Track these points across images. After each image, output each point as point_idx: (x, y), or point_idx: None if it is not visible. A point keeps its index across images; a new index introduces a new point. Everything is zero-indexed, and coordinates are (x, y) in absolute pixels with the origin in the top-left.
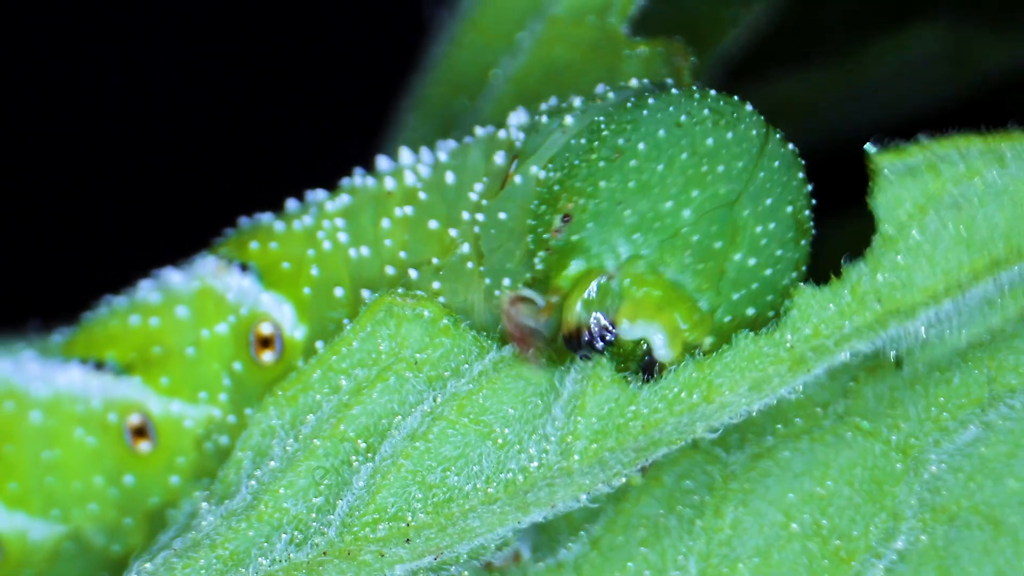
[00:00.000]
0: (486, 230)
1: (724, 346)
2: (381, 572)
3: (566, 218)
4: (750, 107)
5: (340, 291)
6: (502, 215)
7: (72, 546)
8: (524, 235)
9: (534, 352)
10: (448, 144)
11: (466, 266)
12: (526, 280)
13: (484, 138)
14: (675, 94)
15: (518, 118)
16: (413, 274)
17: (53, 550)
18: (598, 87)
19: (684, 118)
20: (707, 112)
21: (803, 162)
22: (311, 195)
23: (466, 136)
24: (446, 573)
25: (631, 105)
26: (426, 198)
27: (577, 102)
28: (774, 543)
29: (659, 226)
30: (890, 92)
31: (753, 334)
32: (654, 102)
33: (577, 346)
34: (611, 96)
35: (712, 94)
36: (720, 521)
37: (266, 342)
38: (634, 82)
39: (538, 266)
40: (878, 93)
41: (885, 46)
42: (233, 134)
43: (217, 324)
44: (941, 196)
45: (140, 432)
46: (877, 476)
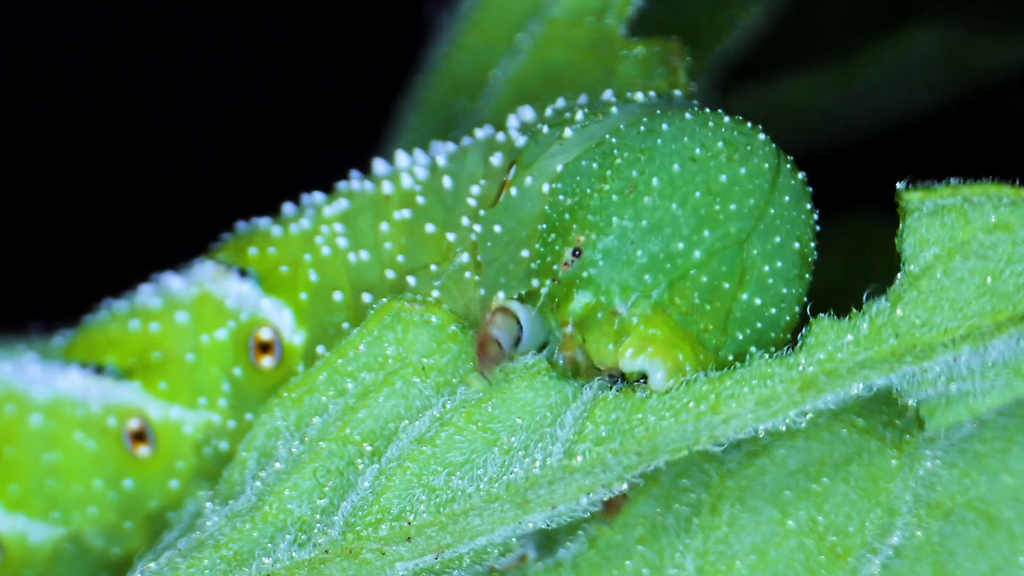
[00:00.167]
0: (482, 242)
1: (736, 364)
2: (382, 571)
3: (577, 252)
4: (763, 136)
5: (340, 295)
6: (497, 228)
7: (72, 548)
8: (519, 250)
9: (487, 363)
10: (446, 147)
11: (464, 275)
12: (520, 297)
13: (482, 141)
14: (689, 120)
15: (518, 119)
16: (412, 280)
17: (53, 552)
18: (605, 94)
19: (699, 151)
20: (721, 145)
21: (811, 190)
22: (307, 198)
23: (465, 137)
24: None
25: (644, 130)
26: (424, 202)
27: (579, 114)
28: (771, 540)
29: (670, 267)
30: (887, 94)
31: (767, 355)
32: (668, 129)
33: (578, 372)
34: (614, 111)
35: (726, 121)
36: (717, 519)
37: (265, 347)
38: (639, 96)
39: (541, 291)
40: (875, 95)
41: (882, 48)
42: (234, 136)
43: (217, 330)
44: (969, 244)
45: (139, 437)
46: (872, 472)
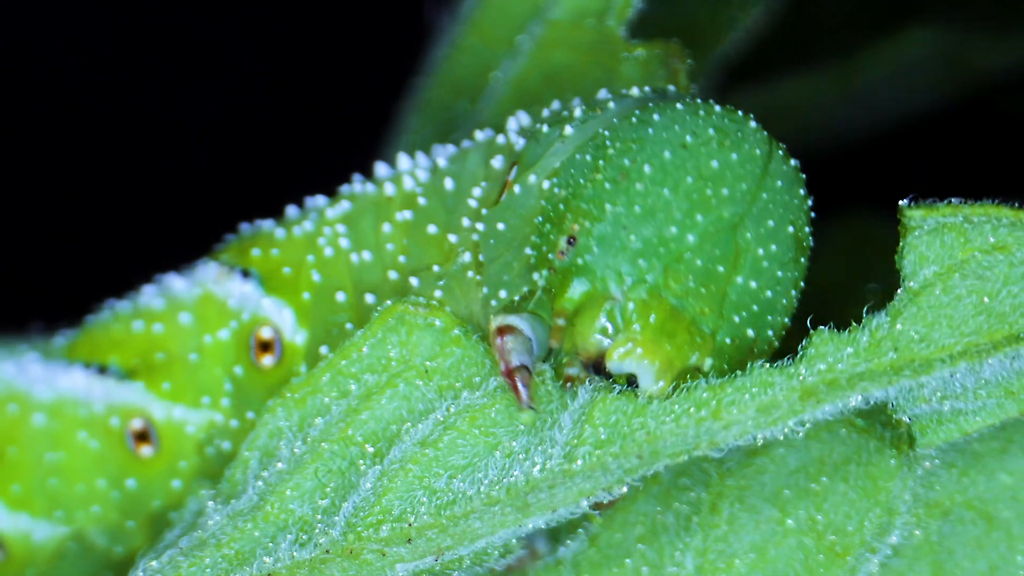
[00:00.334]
0: (484, 240)
1: (737, 372)
2: (383, 571)
3: (571, 240)
4: (754, 123)
5: (342, 296)
6: (500, 226)
7: (75, 547)
8: (522, 247)
9: (526, 391)
10: (447, 149)
11: (467, 275)
12: (523, 295)
13: (483, 143)
14: (680, 110)
15: (517, 122)
16: (414, 281)
17: (56, 551)
18: (600, 93)
19: (689, 139)
20: (712, 132)
21: (804, 176)
22: (311, 201)
23: (466, 139)
24: None
25: (636, 121)
26: (425, 203)
27: (577, 112)
28: (770, 538)
29: (663, 251)
30: (886, 94)
31: (768, 364)
32: (659, 119)
33: (594, 368)
34: (612, 106)
35: (717, 110)
36: (716, 517)
37: (266, 346)
38: (635, 91)
39: (539, 283)
40: (875, 95)
41: (881, 48)
42: (234, 136)
43: (219, 330)
44: (968, 263)
45: (142, 437)
46: (871, 472)
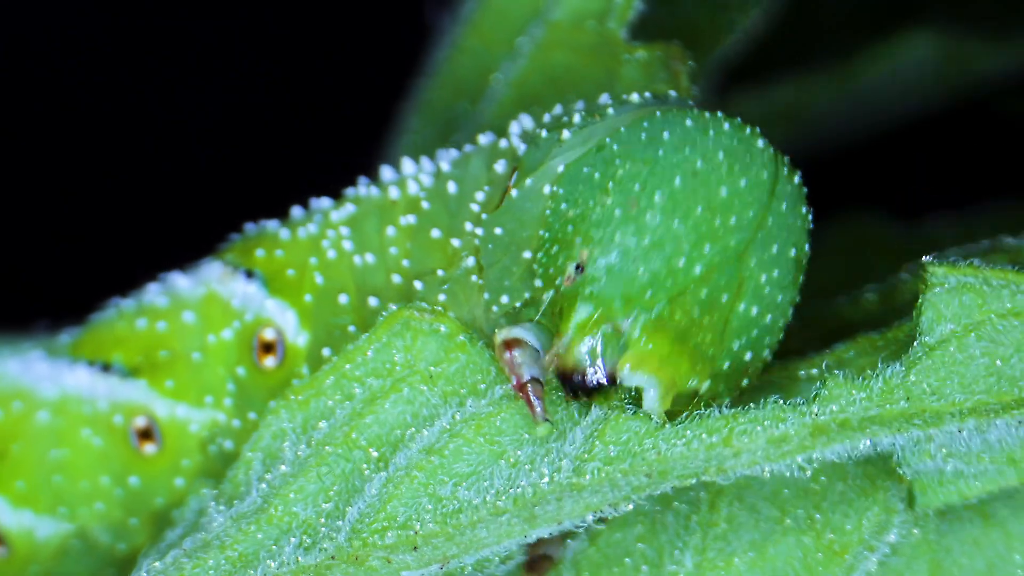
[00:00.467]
0: (484, 245)
1: (751, 404)
2: None
3: (579, 267)
4: (761, 142)
5: (345, 298)
6: (498, 231)
7: (78, 544)
8: (521, 251)
9: (540, 404)
10: (450, 153)
11: (470, 280)
12: (525, 301)
13: (485, 147)
14: (689, 128)
15: (519, 125)
16: (418, 285)
17: (60, 547)
18: (601, 97)
19: (700, 164)
20: (721, 156)
21: (806, 191)
22: (315, 203)
23: (468, 143)
24: None
25: (645, 138)
26: (429, 207)
27: (577, 117)
28: (769, 537)
29: (671, 284)
30: (884, 96)
31: (782, 402)
32: (669, 138)
33: (570, 384)
34: (611, 112)
35: (726, 128)
36: (715, 516)
37: (268, 347)
38: (635, 97)
39: (544, 299)
40: (873, 96)
41: (879, 51)
42: (234, 136)
43: (223, 329)
44: (984, 325)
45: (145, 435)
46: (870, 471)
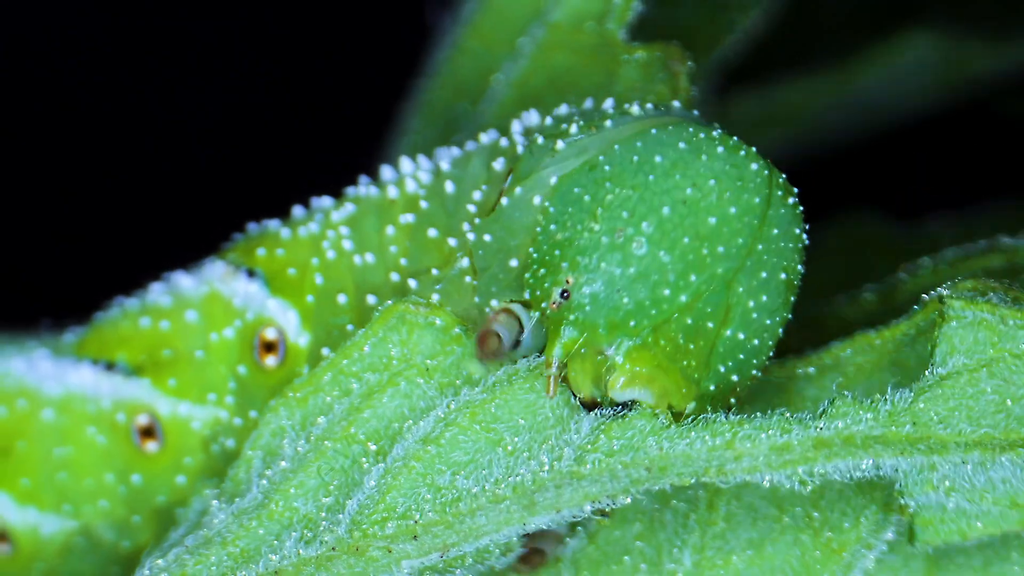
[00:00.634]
0: (475, 250)
1: (756, 412)
2: (388, 568)
3: (564, 294)
4: (755, 165)
5: (344, 298)
6: (487, 238)
7: (83, 541)
8: (507, 259)
9: (486, 355)
10: (451, 151)
11: (464, 280)
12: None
13: (486, 146)
14: (683, 153)
15: (521, 125)
16: (413, 284)
17: (64, 544)
18: (605, 103)
19: (690, 192)
20: (712, 184)
21: (801, 211)
22: (316, 202)
23: (469, 141)
24: (451, 574)
25: (637, 160)
26: (427, 206)
27: (573, 127)
28: (767, 535)
29: (655, 312)
30: (883, 96)
31: (788, 414)
32: (661, 163)
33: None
34: (609, 124)
35: (719, 151)
36: (714, 514)
37: (270, 347)
38: (635, 108)
39: (532, 319)
40: (872, 97)
41: (879, 51)
42: (234, 137)
43: (225, 328)
44: (997, 362)
45: (148, 432)
46: None
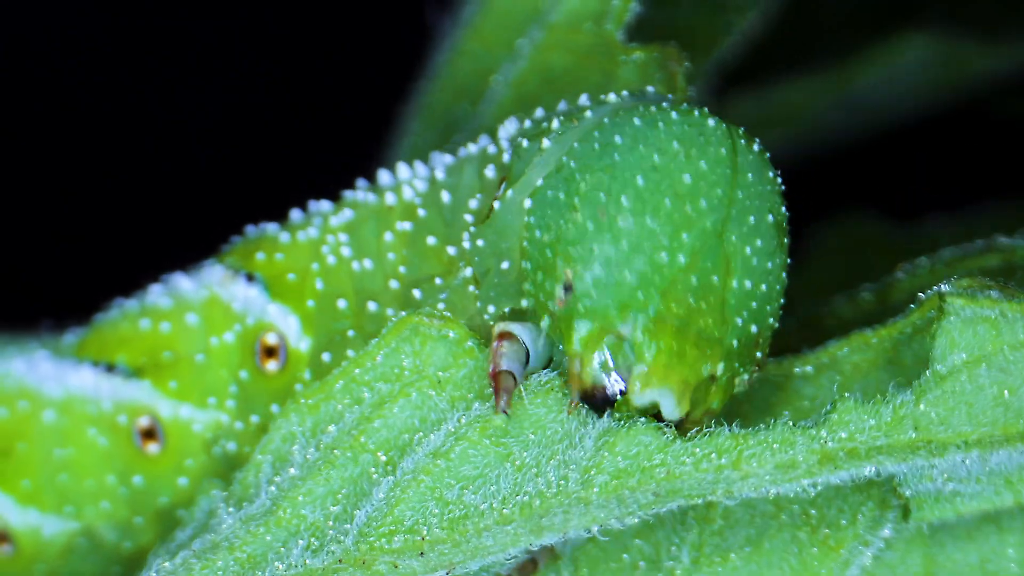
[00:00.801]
0: (471, 257)
1: (760, 424)
2: None
3: (567, 288)
4: (711, 121)
5: (344, 303)
6: (480, 243)
7: (84, 542)
8: (500, 262)
9: (505, 397)
10: (445, 158)
11: (468, 289)
12: (518, 314)
13: (476, 155)
14: (638, 126)
15: (506, 130)
16: (417, 293)
17: (65, 545)
18: (580, 98)
19: (657, 158)
20: (676, 145)
21: (768, 154)
22: (314, 205)
23: (461, 148)
24: None
25: (599, 147)
26: (425, 215)
27: (556, 123)
28: (764, 532)
29: (659, 279)
30: (882, 97)
31: (791, 424)
32: (621, 141)
33: (593, 402)
34: (588, 115)
35: (674, 117)
36: (712, 512)
37: (271, 352)
38: (612, 96)
39: (543, 326)
40: (870, 98)
41: (877, 53)
42: (234, 137)
43: (225, 332)
44: (996, 355)
45: (149, 434)
46: None
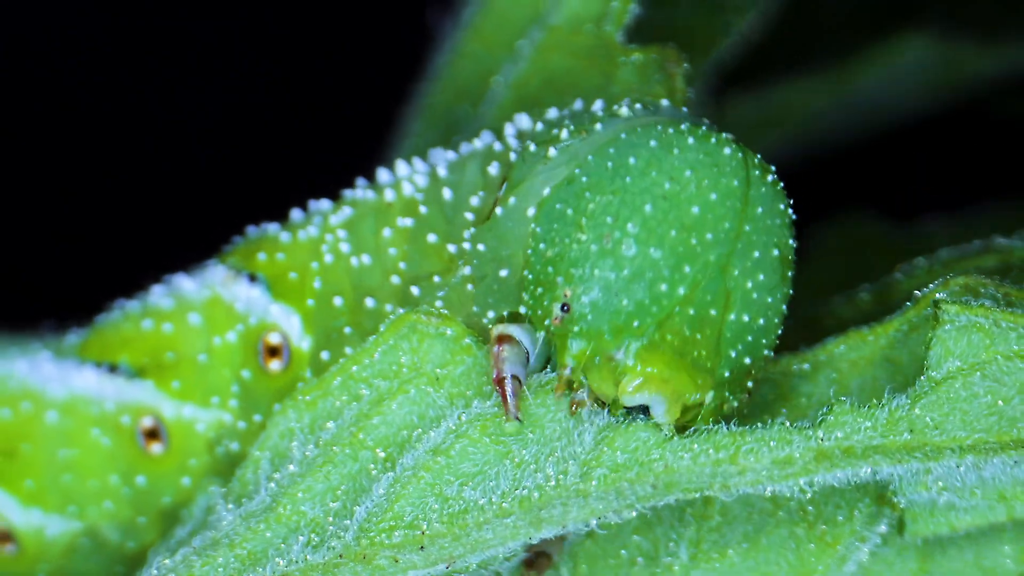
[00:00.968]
0: (470, 259)
1: (758, 423)
2: None
3: (565, 308)
4: (728, 150)
5: (340, 300)
6: (481, 247)
7: (87, 542)
8: (499, 269)
9: (513, 401)
10: (447, 155)
11: (466, 288)
12: (515, 317)
13: (480, 151)
14: (654, 150)
15: (513, 128)
16: (415, 291)
17: (69, 545)
18: (594, 104)
19: (668, 186)
20: (689, 174)
21: (782, 185)
22: (314, 204)
23: (464, 145)
24: None
25: (612, 166)
26: (426, 212)
27: (564, 133)
28: (762, 528)
29: (656, 309)
30: (880, 98)
31: (788, 423)
32: (635, 164)
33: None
34: (598, 128)
35: (690, 143)
36: (710, 509)
37: (274, 351)
38: (624, 110)
39: (538, 337)
40: (870, 99)
41: (876, 53)
42: (234, 137)
43: (227, 332)
44: (990, 364)
45: (152, 434)
46: None
